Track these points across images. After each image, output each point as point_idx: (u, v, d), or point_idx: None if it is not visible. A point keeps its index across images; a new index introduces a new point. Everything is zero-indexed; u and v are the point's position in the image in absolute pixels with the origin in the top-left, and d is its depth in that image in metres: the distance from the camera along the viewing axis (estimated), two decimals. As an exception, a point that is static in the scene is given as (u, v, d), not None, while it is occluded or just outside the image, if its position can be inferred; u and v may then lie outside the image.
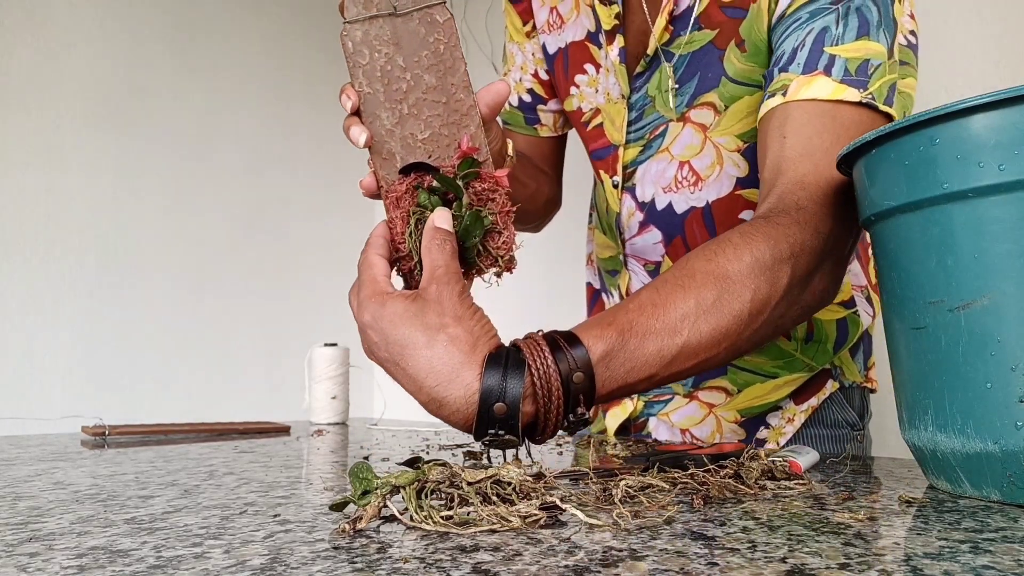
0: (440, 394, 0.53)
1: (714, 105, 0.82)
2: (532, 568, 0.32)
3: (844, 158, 0.55)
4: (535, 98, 1.03)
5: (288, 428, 1.12)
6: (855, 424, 0.91)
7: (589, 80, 0.92)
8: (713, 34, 0.81)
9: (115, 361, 1.81)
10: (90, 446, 0.88)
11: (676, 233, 0.88)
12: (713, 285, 0.59)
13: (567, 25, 0.93)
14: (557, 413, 0.54)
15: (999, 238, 0.44)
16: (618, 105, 0.89)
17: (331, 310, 2.25)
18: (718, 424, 0.92)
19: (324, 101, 2.28)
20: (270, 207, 2.14)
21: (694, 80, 0.83)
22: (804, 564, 0.33)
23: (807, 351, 0.88)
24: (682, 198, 0.86)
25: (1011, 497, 0.45)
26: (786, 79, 0.72)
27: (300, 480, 0.60)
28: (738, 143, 0.82)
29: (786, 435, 0.90)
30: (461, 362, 0.53)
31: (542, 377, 0.53)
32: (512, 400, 0.52)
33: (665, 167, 0.86)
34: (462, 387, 0.52)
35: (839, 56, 0.71)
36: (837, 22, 0.73)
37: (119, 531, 0.40)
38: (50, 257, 1.72)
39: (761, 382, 0.89)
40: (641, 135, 0.88)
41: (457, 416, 0.53)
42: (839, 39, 0.72)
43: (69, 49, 1.77)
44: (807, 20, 0.74)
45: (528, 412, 0.53)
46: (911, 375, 0.50)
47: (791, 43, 0.74)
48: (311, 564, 0.33)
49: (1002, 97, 0.43)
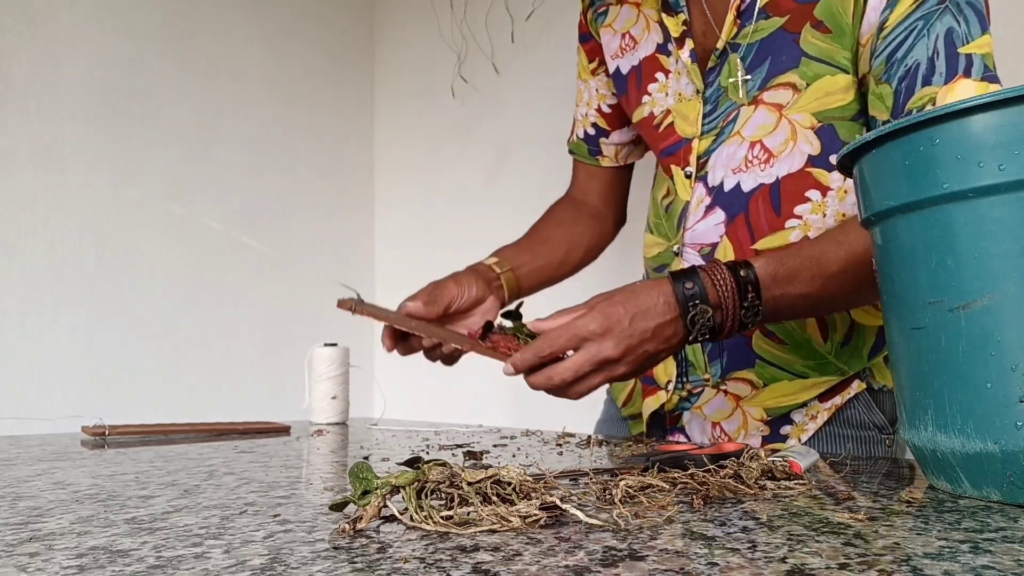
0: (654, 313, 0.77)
1: (793, 84, 0.87)
2: (532, 568, 0.32)
3: (845, 158, 0.55)
4: (598, 131, 1.15)
5: (288, 428, 1.12)
6: (883, 427, 0.90)
7: (660, 86, 1.00)
8: (782, 20, 0.87)
9: (115, 361, 1.81)
10: (90, 446, 0.88)
11: (739, 212, 0.91)
12: (859, 241, 0.77)
13: (640, 44, 1.03)
14: (733, 298, 0.76)
15: (999, 238, 0.44)
16: (692, 102, 0.96)
17: (331, 310, 2.25)
18: (744, 420, 0.93)
19: (324, 101, 2.28)
20: (270, 207, 2.14)
21: (765, 64, 0.88)
22: (804, 564, 0.33)
23: (841, 356, 0.89)
24: (751, 176, 0.91)
25: (1011, 497, 0.45)
26: (931, 92, 0.76)
27: (300, 480, 0.60)
28: (813, 121, 0.87)
29: (808, 432, 0.90)
30: (656, 290, 0.78)
31: (719, 272, 0.77)
32: (698, 285, 0.76)
33: (735, 149, 0.92)
34: (662, 297, 0.77)
35: (975, 55, 0.76)
36: (957, 20, 0.76)
37: (119, 531, 0.40)
38: (50, 257, 1.72)
39: (789, 380, 0.90)
40: (715, 124, 0.94)
41: (664, 328, 0.77)
42: (967, 37, 0.76)
43: (69, 49, 1.77)
44: (925, 25, 0.77)
45: (712, 297, 0.76)
46: (911, 375, 0.50)
47: (922, 52, 0.77)
48: (311, 564, 0.33)
49: (1002, 97, 0.43)
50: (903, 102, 0.78)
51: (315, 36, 2.28)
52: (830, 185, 0.87)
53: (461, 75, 2.08)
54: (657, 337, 0.77)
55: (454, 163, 2.14)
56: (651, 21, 1.01)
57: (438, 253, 2.15)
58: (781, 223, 0.89)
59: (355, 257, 2.34)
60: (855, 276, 0.77)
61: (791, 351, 0.90)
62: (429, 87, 2.21)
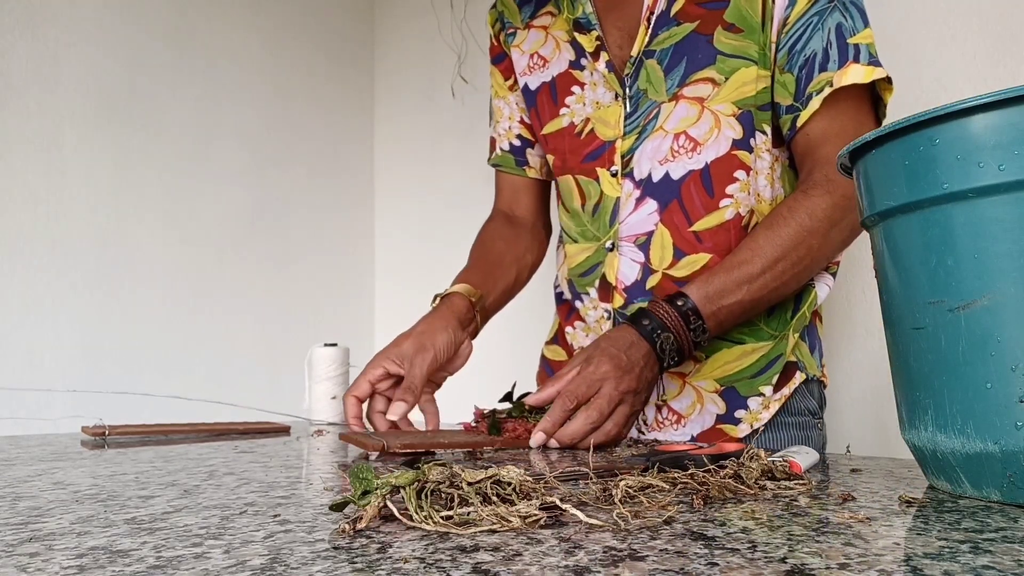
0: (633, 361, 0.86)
1: (712, 79, 0.96)
2: (532, 568, 0.32)
3: (845, 158, 0.55)
4: (523, 142, 1.20)
5: (288, 428, 1.12)
6: (815, 412, 1.02)
7: (577, 98, 1.07)
8: (694, 25, 0.97)
9: (115, 361, 1.81)
10: (90, 446, 0.88)
11: (672, 199, 0.98)
12: (771, 238, 0.89)
13: (551, 63, 1.10)
14: (681, 325, 0.87)
15: (999, 238, 0.44)
16: (612, 107, 1.03)
17: (331, 310, 2.25)
18: (698, 395, 0.99)
19: (325, 101, 2.28)
20: (270, 207, 2.14)
21: (682, 64, 0.97)
22: (804, 564, 0.33)
23: (770, 322, 0.99)
24: (679, 165, 0.98)
25: (1011, 497, 0.45)
26: (827, 77, 0.90)
27: (300, 480, 0.60)
28: (733, 109, 0.96)
29: (762, 420, 0.98)
30: (625, 331, 0.89)
31: (661, 307, 0.88)
32: (652, 321, 0.88)
33: (660, 142, 0.99)
34: (633, 345, 0.87)
35: (861, 44, 0.89)
36: (844, 16, 0.91)
37: (119, 531, 0.40)
38: (50, 257, 1.72)
39: (728, 347, 0.98)
40: (636, 124, 1.01)
41: (648, 356, 0.87)
42: (853, 30, 0.90)
43: (69, 49, 1.77)
44: (819, 20, 0.91)
45: (669, 325, 0.87)
46: (911, 375, 0.50)
47: (818, 44, 0.90)
48: (311, 564, 0.33)
49: (1002, 97, 0.43)
50: (804, 87, 0.91)
51: (315, 36, 2.27)
52: (751, 165, 0.97)
53: (461, 75, 2.08)
54: (649, 365, 0.87)
55: (454, 163, 2.14)
56: (561, 41, 1.09)
57: (438, 253, 2.15)
58: (716, 203, 0.97)
59: (355, 257, 2.34)
60: (777, 270, 0.89)
61: None
62: (429, 87, 2.21)
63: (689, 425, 1.00)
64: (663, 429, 1.01)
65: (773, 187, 0.99)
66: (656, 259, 0.98)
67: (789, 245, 0.89)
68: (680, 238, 0.97)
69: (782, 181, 1.00)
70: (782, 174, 1.00)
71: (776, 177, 0.99)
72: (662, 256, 0.98)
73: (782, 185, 1.00)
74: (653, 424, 1.01)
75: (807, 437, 1.00)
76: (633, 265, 1.00)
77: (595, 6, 1.04)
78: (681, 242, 0.97)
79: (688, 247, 0.97)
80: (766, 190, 0.98)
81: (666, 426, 1.00)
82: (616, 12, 1.03)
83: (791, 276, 0.91)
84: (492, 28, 1.20)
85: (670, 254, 0.98)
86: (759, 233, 0.91)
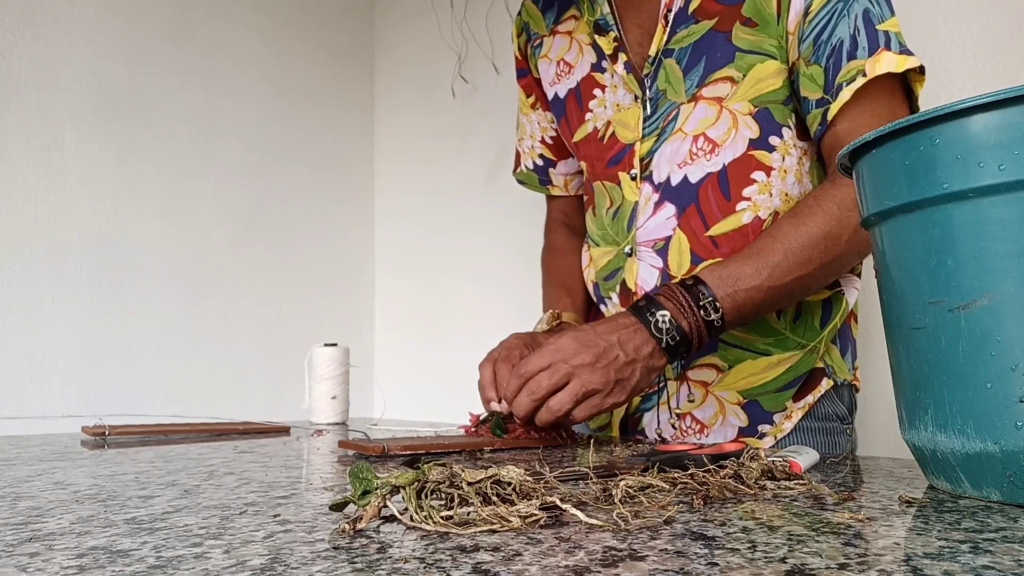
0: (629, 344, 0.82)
1: (731, 78, 0.93)
2: (532, 568, 0.32)
3: (845, 158, 0.55)
4: (546, 161, 1.22)
5: (288, 428, 1.12)
6: (844, 417, 0.98)
7: (599, 102, 1.05)
8: (712, 22, 0.93)
9: (115, 361, 1.80)
10: (90, 446, 0.88)
11: (690, 203, 0.96)
12: (795, 224, 0.85)
13: (575, 68, 1.08)
14: (685, 297, 0.82)
15: (999, 238, 0.44)
16: (631, 109, 1.01)
17: (331, 310, 2.25)
18: (720, 406, 0.97)
19: (325, 100, 2.28)
20: (270, 207, 2.14)
21: (701, 63, 0.94)
22: (804, 564, 0.33)
23: (796, 330, 0.95)
24: (697, 168, 0.95)
25: (1011, 497, 0.45)
26: (858, 65, 0.84)
27: (300, 480, 0.60)
28: (750, 107, 0.93)
29: (784, 431, 0.95)
30: (612, 317, 0.84)
31: (666, 288, 0.84)
32: (646, 298, 0.84)
33: (679, 145, 0.96)
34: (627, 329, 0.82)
35: (890, 31, 0.85)
36: (871, 2, 0.86)
37: (119, 531, 0.40)
38: (50, 257, 1.72)
39: (752, 359, 0.95)
40: (656, 126, 0.98)
41: (633, 333, 0.82)
42: (881, 16, 0.85)
43: (69, 49, 1.77)
44: (844, 7, 0.86)
45: (663, 301, 0.82)
46: (911, 375, 0.50)
47: (844, 31, 0.85)
48: (311, 564, 0.33)
49: (1002, 97, 0.43)
50: (833, 78, 0.86)
51: (315, 36, 2.27)
52: (772, 165, 0.93)
53: (461, 75, 2.08)
54: (625, 345, 0.81)
55: (454, 162, 2.14)
56: (584, 45, 1.07)
57: (438, 253, 2.15)
58: (732, 207, 0.94)
59: (355, 257, 2.34)
60: (803, 257, 0.84)
61: (751, 331, 0.95)
62: (429, 87, 2.21)
63: (712, 435, 0.97)
64: (687, 437, 0.98)
65: (802, 183, 0.95)
66: (675, 265, 0.96)
67: (816, 233, 0.84)
68: (697, 243, 0.95)
69: (811, 175, 0.96)
70: (811, 168, 0.96)
71: (805, 172, 0.95)
72: (680, 262, 0.96)
73: (811, 180, 0.96)
74: (677, 433, 0.99)
75: (834, 443, 0.97)
76: (652, 271, 0.98)
77: (615, 6, 1.02)
78: (698, 247, 0.95)
79: (705, 252, 0.94)
80: (794, 188, 0.94)
81: (689, 435, 0.98)
82: (635, 10, 1.01)
83: (818, 266, 0.85)
84: (517, 40, 1.20)
85: (688, 260, 0.95)
86: (783, 220, 0.87)
